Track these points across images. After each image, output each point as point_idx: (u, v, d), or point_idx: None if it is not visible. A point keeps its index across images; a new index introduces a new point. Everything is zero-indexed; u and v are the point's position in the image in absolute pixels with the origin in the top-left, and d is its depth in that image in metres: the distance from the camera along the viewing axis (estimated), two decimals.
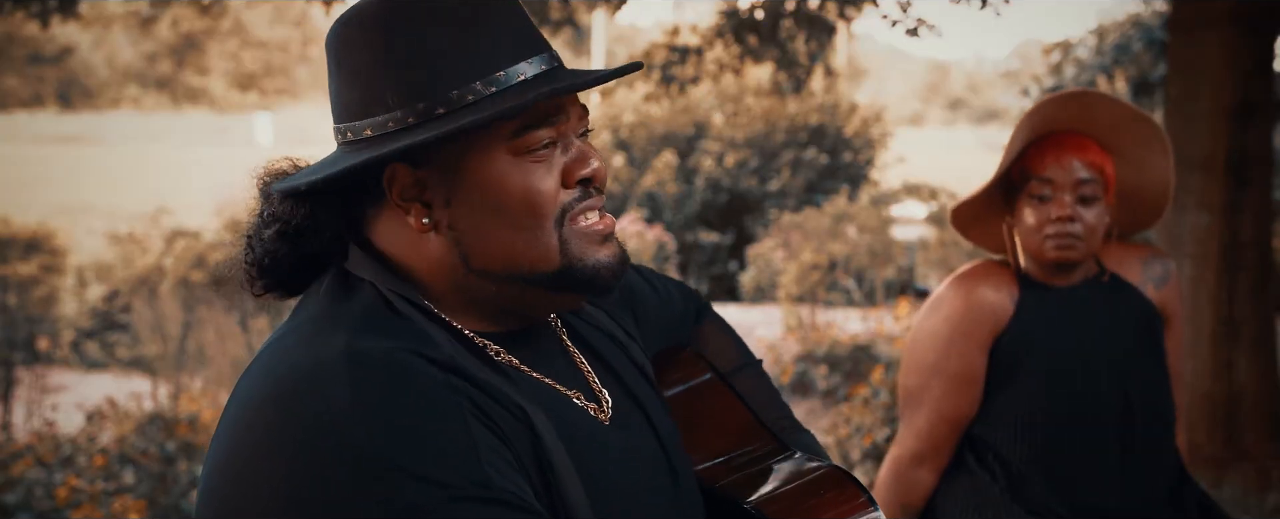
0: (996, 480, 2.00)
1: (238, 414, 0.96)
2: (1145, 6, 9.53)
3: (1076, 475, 1.97)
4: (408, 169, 1.03)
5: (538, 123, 1.03)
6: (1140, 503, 1.98)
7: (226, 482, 0.93)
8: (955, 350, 2.00)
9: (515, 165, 1.03)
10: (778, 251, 12.45)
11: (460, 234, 1.04)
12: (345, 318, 1.01)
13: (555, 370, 1.11)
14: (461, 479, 0.89)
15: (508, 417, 0.98)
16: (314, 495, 0.88)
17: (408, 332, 1.01)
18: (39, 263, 11.98)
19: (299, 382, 0.93)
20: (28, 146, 34.36)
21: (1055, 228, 1.94)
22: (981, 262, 2.11)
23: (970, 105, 57.08)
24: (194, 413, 5.60)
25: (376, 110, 1.03)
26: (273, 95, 46.89)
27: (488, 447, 0.93)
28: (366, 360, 0.94)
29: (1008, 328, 2.00)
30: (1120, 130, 2.00)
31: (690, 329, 1.42)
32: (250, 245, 1.10)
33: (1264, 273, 4.95)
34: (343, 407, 0.90)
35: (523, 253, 1.04)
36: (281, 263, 1.09)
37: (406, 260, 1.07)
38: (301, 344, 0.98)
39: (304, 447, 0.89)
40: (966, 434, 2.05)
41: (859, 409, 5.32)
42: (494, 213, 1.03)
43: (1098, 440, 1.98)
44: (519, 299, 1.08)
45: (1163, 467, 2.03)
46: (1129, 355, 2.01)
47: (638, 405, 1.16)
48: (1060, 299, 2.01)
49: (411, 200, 1.04)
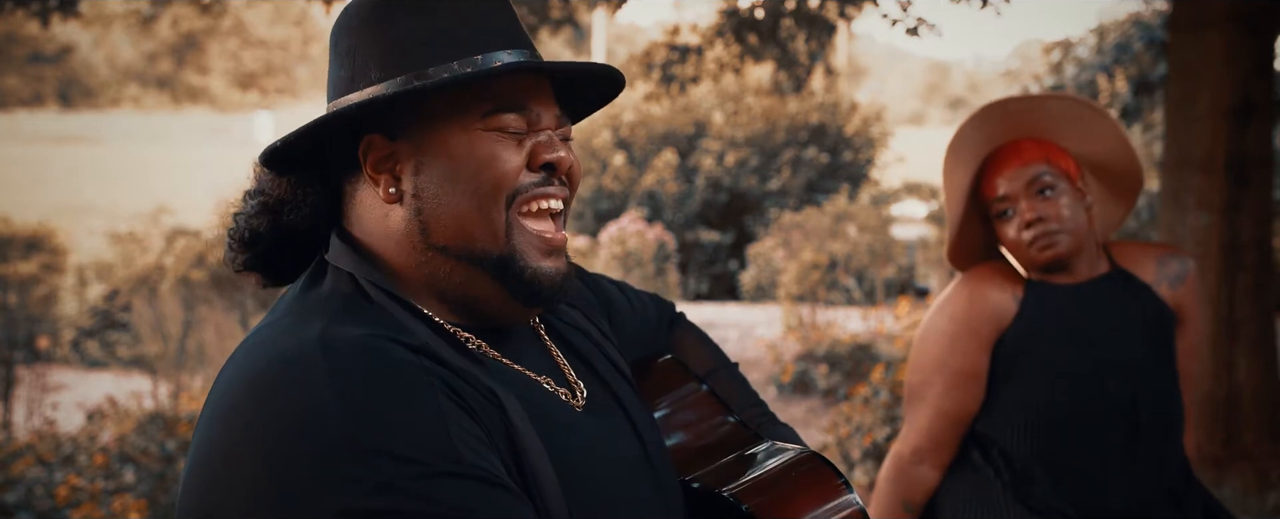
0: (1000, 477, 2.00)
1: (218, 405, 0.98)
2: (1146, 6, 9.52)
3: (1080, 474, 1.97)
4: (383, 139, 1.08)
5: (507, 108, 1.08)
6: (1144, 503, 1.98)
7: (208, 471, 0.94)
8: (959, 348, 2.01)
9: (482, 138, 1.07)
10: (778, 251, 12.45)
11: (421, 204, 1.07)
12: (321, 307, 1.03)
13: (529, 360, 1.13)
14: (434, 456, 0.91)
15: (479, 398, 1.00)
16: (291, 480, 0.89)
17: (382, 319, 1.03)
18: (39, 262, 11.98)
19: (275, 370, 0.95)
20: (28, 146, 34.36)
21: (1030, 232, 1.96)
22: (988, 263, 2.11)
23: (970, 105, 56.94)
24: (194, 412, 5.60)
25: (360, 84, 1.08)
26: (273, 94, 46.88)
27: (459, 425, 0.95)
28: (340, 346, 0.96)
29: (1012, 326, 2.01)
30: (1045, 118, 2.00)
31: (666, 337, 1.45)
32: (235, 220, 1.15)
33: (1264, 273, 4.95)
34: (317, 392, 0.92)
35: (473, 226, 1.07)
36: (262, 237, 1.13)
37: (375, 242, 1.10)
38: (279, 334, 1.00)
39: (280, 433, 0.91)
40: (971, 431, 2.05)
41: (859, 408, 5.32)
42: (453, 181, 1.06)
43: (1102, 439, 1.97)
44: (469, 288, 1.10)
45: (1168, 467, 2.03)
46: (1136, 354, 2.01)
47: (613, 395, 1.18)
48: (1065, 297, 2.02)
49: (383, 171, 1.08)
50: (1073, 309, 2.01)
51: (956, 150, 2.00)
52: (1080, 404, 1.97)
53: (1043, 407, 1.98)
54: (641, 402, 1.24)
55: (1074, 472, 1.97)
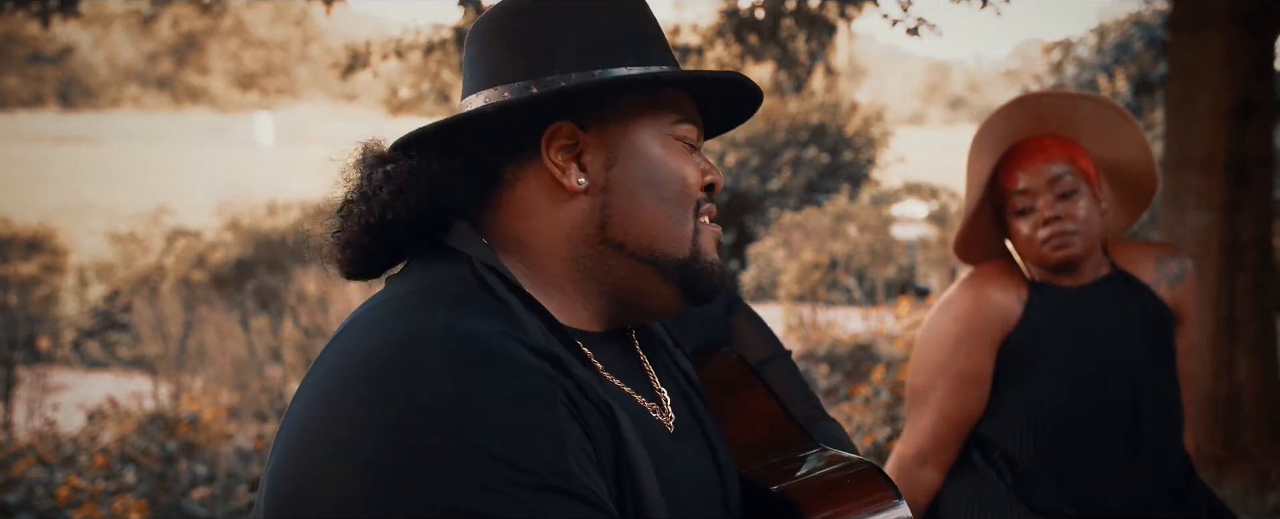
0: (1002, 479, 2.00)
1: (327, 381, 0.94)
2: (1146, 6, 9.53)
3: (1083, 475, 1.97)
4: (573, 127, 1.06)
5: (689, 119, 1.11)
6: (1146, 503, 1.98)
7: (310, 449, 0.91)
8: (963, 350, 2.00)
9: (669, 148, 1.09)
10: (778, 251, 12.46)
11: (610, 198, 1.06)
12: (443, 294, 0.99)
13: (629, 377, 1.12)
14: (547, 468, 0.88)
15: (595, 413, 0.97)
16: (400, 467, 0.86)
17: (506, 315, 1.00)
18: (40, 262, 12.00)
19: (395, 353, 0.91)
20: (28, 146, 34.38)
21: (1046, 230, 1.95)
22: (992, 263, 2.11)
23: (971, 104, 57.06)
24: (195, 412, 5.61)
25: (543, 71, 1.06)
26: (273, 95, 46.90)
27: (575, 441, 0.92)
28: (467, 339, 0.92)
29: (1016, 328, 2.00)
30: (1074, 118, 2.00)
31: (725, 323, 1.44)
32: (353, 210, 1.06)
33: (1264, 273, 4.95)
34: (440, 381, 0.89)
35: (664, 228, 1.08)
36: (397, 224, 1.04)
37: (528, 233, 1.07)
38: (396, 315, 0.96)
39: (395, 418, 0.88)
40: (973, 433, 2.05)
41: (860, 408, 5.33)
42: (650, 183, 1.07)
43: (1104, 439, 1.97)
44: (633, 283, 1.09)
45: (1170, 467, 2.03)
46: (1138, 354, 2.01)
47: (693, 414, 1.17)
48: (1069, 298, 2.01)
49: (569, 160, 1.06)
50: (1077, 311, 2.01)
51: (983, 138, 1.99)
52: (1083, 405, 1.97)
53: (1046, 408, 1.98)
54: (712, 414, 1.23)
55: (1076, 472, 1.97)
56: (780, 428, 1.27)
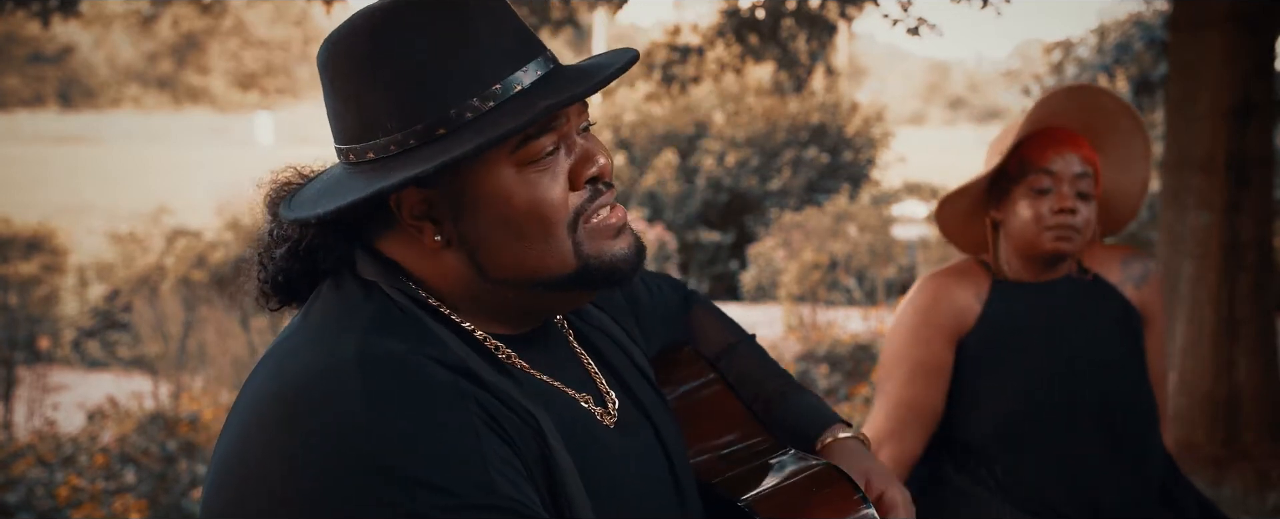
0: (982, 483, 2.01)
1: (247, 413, 0.95)
2: (1146, 6, 9.52)
3: (1064, 473, 1.98)
4: (415, 190, 1.02)
5: (538, 132, 1.01)
6: (1132, 502, 1.99)
7: (234, 481, 0.92)
8: (921, 338, 2.04)
9: (520, 178, 1.01)
10: (778, 251, 12.46)
11: (473, 248, 1.03)
12: (356, 319, 1.00)
13: (563, 373, 1.11)
14: (469, 486, 0.89)
15: (516, 421, 0.98)
16: (322, 499, 0.87)
17: (418, 334, 1.00)
18: (40, 262, 12.00)
19: (310, 383, 0.93)
20: (28, 146, 34.38)
21: (1057, 219, 1.96)
22: (959, 260, 2.15)
23: (971, 105, 57.05)
24: (195, 412, 5.61)
25: (376, 133, 1.00)
26: (273, 95, 46.90)
27: (497, 455, 0.93)
28: (379, 364, 0.93)
29: (975, 326, 2.04)
30: (1114, 125, 2.05)
31: (682, 317, 1.44)
32: (262, 264, 1.10)
33: (1264, 273, 4.95)
34: (355, 411, 0.90)
35: (537, 260, 1.03)
36: (295, 280, 1.09)
37: (420, 271, 1.06)
38: (312, 344, 0.98)
39: (314, 449, 0.89)
40: (945, 444, 2.05)
41: (860, 408, 5.33)
42: (503, 225, 1.02)
43: (1080, 438, 1.99)
44: (537, 302, 1.08)
45: (1152, 463, 2.04)
46: (1106, 353, 2.03)
47: (642, 410, 1.16)
48: (1033, 297, 2.04)
49: (422, 219, 1.03)
50: (1040, 310, 2.03)
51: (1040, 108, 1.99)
52: (1054, 404, 1.99)
53: (1018, 405, 2.00)
54: (667, 409, 1.22)
55: (1056, 470, 1.98)
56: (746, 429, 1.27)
